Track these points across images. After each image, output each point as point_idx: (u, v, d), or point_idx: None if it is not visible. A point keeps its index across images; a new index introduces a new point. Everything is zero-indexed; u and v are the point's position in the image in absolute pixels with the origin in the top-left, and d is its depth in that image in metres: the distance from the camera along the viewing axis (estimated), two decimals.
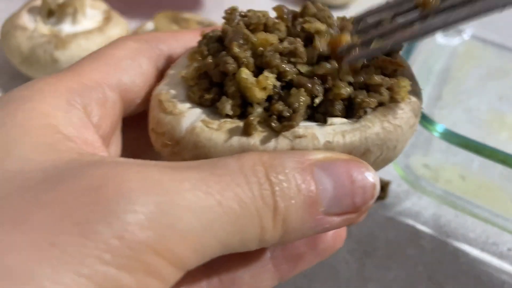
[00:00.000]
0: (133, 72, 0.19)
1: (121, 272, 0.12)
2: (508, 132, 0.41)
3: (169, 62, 0.21)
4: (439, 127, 0.31)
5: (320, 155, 0.15)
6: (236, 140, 0.16)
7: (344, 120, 0.17)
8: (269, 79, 0.16)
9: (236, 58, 0.17)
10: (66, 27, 0.41)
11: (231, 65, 0.17)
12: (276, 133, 0.16)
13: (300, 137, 0.16)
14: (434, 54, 0.47)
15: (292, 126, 0.16)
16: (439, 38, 0.48)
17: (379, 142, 0.17)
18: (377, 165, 0.18)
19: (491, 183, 0.35)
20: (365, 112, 0.17)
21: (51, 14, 0.41)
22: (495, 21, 0.50)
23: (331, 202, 0.15)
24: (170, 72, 0.20)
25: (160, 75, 0.21)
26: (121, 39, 0.20)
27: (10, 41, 0.40)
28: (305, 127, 0.16)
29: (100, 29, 0.41)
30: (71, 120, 0.16)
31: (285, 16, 0.19)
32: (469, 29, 0.50)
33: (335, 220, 0.15)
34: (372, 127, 0.17)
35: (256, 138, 0.16)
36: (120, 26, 0.42)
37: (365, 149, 0.17)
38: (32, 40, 0.39)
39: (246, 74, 0.17)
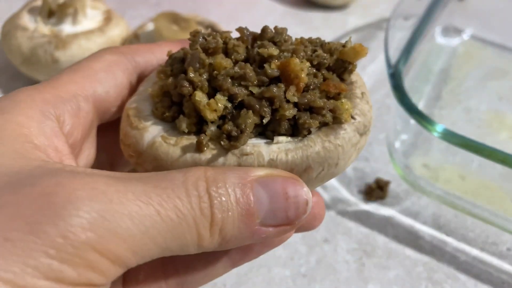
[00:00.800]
0: (108, 83, 0.21)
1: (63, 265, 0.14)
2: (508, 132, 0.41)
3: (144, 74, 0.23)
4: (439, 127, 0.31)
5: (262, 172, 0.17)
6: (190, 156, 0.18)
7: (289, 139, 0.19)
8: (220, 101, 0.18)
9: (191, 82, 0.19)
10: (67, 28, 0.41)
11: (187, 88, 0.19)
12: (225, 150, 0.18)
13: (247, 154, 0.18)
14: (434, 54, 0.47)
15: (237, 146, 0.18)
16: (439, 38, 0.48)
17: (319, 160, 0.18)
18: (321, 180, 0.19)
19: (490, 183, 0.35)
20: (309, 132, 0.19)
21: (51, 14, 0.41)
22: (494, 21, 0.50)
23: (267, 214, 0.16)
24: (141, 88, 0.22)
25: (135, 86, 0.23)
26: (100, 52, 0.22)
27: (10, 41, 0.40)
28: (252, 145, 0.18)
29: (101, 29, 0.41)
30: (43, 130, 0.18)
31: (245, 38, 0.20)
32: (468, 30, 0.50)
33: (270, 231, 0.17)
34: (314, 146, 0.18)
35: (207, 155, 0.18)
36: (120, 27, 0.42)
37: (307, 166, 0.18)
38: (33, 40, 0.39)
39: (199, 96, 0.18)
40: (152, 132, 0.19)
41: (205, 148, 0.18)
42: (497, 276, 0.32)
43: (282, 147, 0.18)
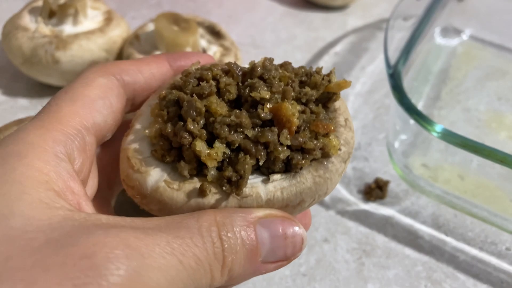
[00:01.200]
0: (105, 112, 0.22)
1: None
2: (507, 132, 0.42)
3: (134, 94, 0.24)
4: (438, 127, 0.31)
5: (261, 213, 0.19)
6: (194, 201, 0.19)
7: (283, 176, 0.20)
8: (219, 150, 0.20)
9: (190, 133, 0.20)
10: (67, 28, 0.41)
11: (187, 139, 0.20)
12: (226, 194, 0.19)
13: (246, 196, 0.20)
14: (433, 55, 0.48)
15: (239, 193, 0.19)
16: (438, 38, 0.49)
17: (311, 193, 0.20)
18: (311, 206, 0.21)
19: (489, 182, 0.35)
20: (301, 168, 0.20)
21: (52, 14, 0.41)
22: (493, 21, 0.51)
23: (268, 253, 0.18)
24: (136, 126, 0.23)
25: (127, 107, 0.24)
26: (91, 74, 0.23)
27: (11, 42, 0.40)
28: (251, 186, 0.20)
29: (101, 29, 0.41)
30: (60, 174, 0.18)
31: (235, 75, 0.22)
32: (467, 30, 0.50)
33: (270, 266, 0.19)
34: (306, 182, 0.20)
35: (210, 199, 0.19)
36: (120, 27, 0.43)
37: (300, 201, 0.20)
38: (33, 41, 0.39)
39: (199, 147, 0.19)
40: (155, 176, 0.20)
41: (208, 193, 0.19)
42: (496, 275, 0.32)
43: (278, 185, 0.20)
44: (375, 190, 0.36)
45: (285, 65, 0.23)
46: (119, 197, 0.29)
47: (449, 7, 0.45)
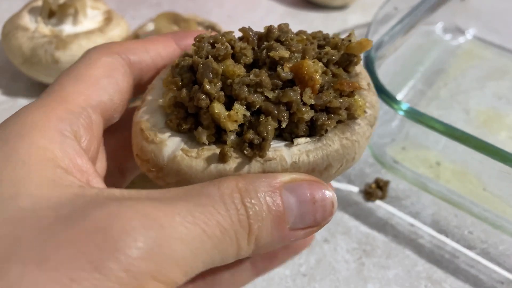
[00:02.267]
0: (111, 90, 0.21)
1: None
2: (507, 131, 0.42)
3: (140, 73, 0.22)
4: (403, 106, 0.32)
5: (287, 177, 0.17)
6: (214, 167, 0.18)
7: (308, 139, 0.19)
8: (239, 112, 0.18)
9: (208, 94, 0.18)
10: (67, 28, 0.41)
11: (204, 101, 0.18)
12: (248, 158, 0.18)
13: (270, 160, 0.18)
14: (434, 55, 0.48)
15: (263, 155, 0.18)
16: (439, 38, 0.49)
17: (338, 157, 0.19)
18: (338, 174, 0.20)
19: (463, 169, 0.36)
20: (326, 131, 0.19)
21: (52, 14, 0.41)
22: (494, 21, 0.51)
23: (296, 219, 0.17)
24: (148, 98, 0.21)
25: (134, 88, 0.23)
26: (95, 54, 0.21)
27: (11, 42, 0.40)
28: (274, 150, 0.18)
29: (101, 29, 0.41)
30: (66, 151, 0.17)
31: (251, 39, 0.20)
32: (468, 30, 0.50)
33: (299, 233, 0.17)
34: (333, 145, 0.19)
35: (231, 164, 0.18)
36: (120, 27, 0.43)
37: (327, 165, 0.19)
38: (33, 41, 0.39)
39: (218, 108, 0.18)
40: (171, 145, 0.19)
41: (229, 158, 0.18)
42: (496, 276, 0.32)
43: (303, 148, 0.18)
44: (376, 190, 0.36)
45: (301, 31, 0.21)
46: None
47: (451, 6, 0.45)
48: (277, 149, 0.18)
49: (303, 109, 0.18)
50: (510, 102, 0.44)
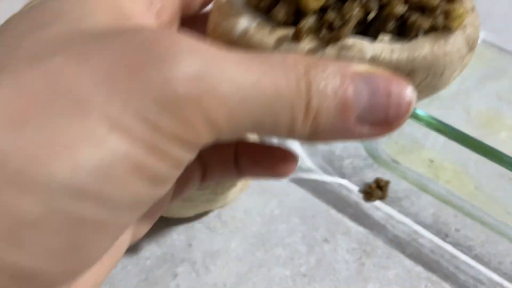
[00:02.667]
0: None
1: (163, 113, 0.12)
2: (507, 131, 0.42)
3: None
4: None
5: (363, 67, 0.15)
6: (286, 45, 0.16)
7: (395, 38, 0.17)
8: None
9: None
10: None
11: None
12: (324, 42, 0.16)
13: (347, 48, 0.16)
14: None
15: (339, 37, 0.16)
16: None
17: (425, 65, 0.17)
18: (422, 90, 0.18)
19: (455, 167, 0.36)
20: (416, 35, 0.17)
21: None
22: (494, 22, 0.51)
23: (365, 109, 0.15)
24: None
25: None
26: None
27: None
28: (354, 40, 0.17)
29: None
30: (135, 3, 0.16)
31: None
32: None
33: (365, 129, 0.15)
34: (421, 49, 0.17)
35: (304, 45, 0.16)
36: None
37: (411, 70, 0.17)
38: None
39: None
40: (245, 22, 0.18)
41: (303, 38, 0.16)
42: (496, 276, 0.32)
43: (387, 45, 0.17)
44: (376, 190, 0.36)
45: None
46: None
47: None
48: (357, 41, 0.17)
49: (396, 1, 0.17)
50: (510, 103, 0.44)
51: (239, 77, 0.13)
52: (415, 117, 0.32)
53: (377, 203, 0.36)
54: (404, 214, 0.36)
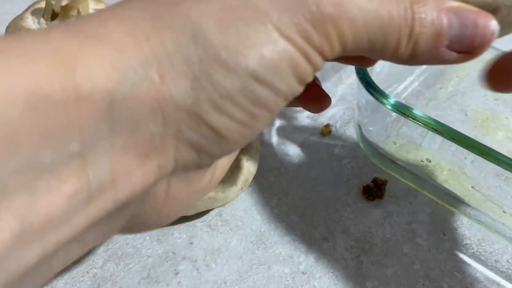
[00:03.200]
0: None
1: (313, 29, 0.16)
2: (504, 132, 0.42)
3: None
4: (391, 100, 0.32)
5: (455, 3, 0.18)
6: None
7: None
8: None
9: None
10: None
11: None
12: None
13: None
14: None
15: None
16: None
17: (508, 3, 0.19)
18: (503, 27, 0.20)
19: (449, 165, 0.36)
20: None
21: (54, 16, 0.42)
22: None
23: (455, 38, 0.18)
24: None
25: None
26: None
27: None
28: None
29: None
30: None
31: None
32: None
33: (453, 54, 0.18)
34: None
35: None
36: None
37: (495, 7, 0.19)
38: None
39: None
40: None
41: None
42: (493, 274, 0.33)
43: None
44: (374, 190, 0.37)
45: None
46: None
47: None
48: None
49: None
50: (506, 103, 0.45)
51: (365, 4, 0.16)
52: (413, 117, 0.32)
53: (375, 202, 0.37)
54: (402, 213, 0.36)
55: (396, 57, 0.18)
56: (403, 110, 0.32)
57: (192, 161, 0.16)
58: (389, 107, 0.32)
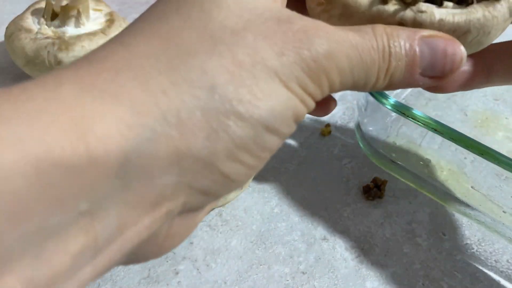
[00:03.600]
0: None
1: (308, 80, 0.17)
2: (504, 132, 0.42)
3: None
4: (391, 100, 0.33)
5: (426, 33, 0.20)
6: (375, 7, 0.21)
7: (456, 5, 0.21)
8: None
9: None
10: (70, 29, 0.41)
11: None
12: (405, 5, 0.21)
13: (422, 11, 0.21)
14: None
15: (416, 2, 0.21)
16: None
17: (478, 26, 0.21)
18: (471, 46, 0.22)
19: (447, 165, 0.36)
20: (472, 2, 0.22)
21: (55, 16, 0.42)
22: None
23: (427, 66, 0.20)
24: None
25: None
26: None
27: (14, 43, 0.40)
28: (426, 5, 0.21)
29: (103, 31, 0.41)
30: None
31: None
32: None
33: (426, 80, 0.20)
34: (476, 13, 0.21)
35: (390, 7, 0.21)
36: (122, 28, 0.43)
37: (467, 30, 0.21)
38: (36, 42, 0.40)
39: None
40: None
41: (389, 2, 0.21)
42: (493, 274, 0.33)
43: (450, 10, 0.21)
44: (374, 189, 0.37)
45: None
46: None
47: None
48: (429, 6, 0.21)
49: None
50: (506, 103, 0.45)
51: (350, 53, 0.18)
52: (413, 117, 0.32)
53: (375, 201, 0.37)
54: (402, 213, 0.36)
55: (374, 88, 0.20)
56: (403, 110, 0.32)
57: (199, 204, 0.17)
58: (389, 107, 0.33)
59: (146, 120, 0.14)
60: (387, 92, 0.33)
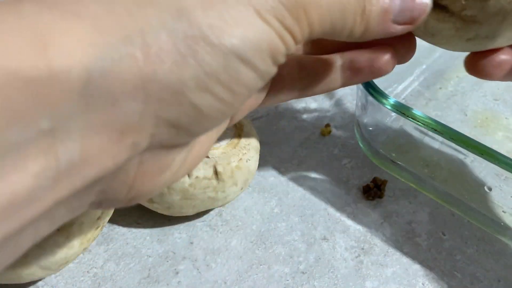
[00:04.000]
0: None
1: (286, 13, 0.17)
2: (503, 132, 0.42)
3: None
4: (391, 100, 0.33)
5: None
6: None
7: None
8: None
9: None
10: None
11: None
12: None
13: None
14: (430, 54, 0.48)
15: None
16: None
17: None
18: (478, 42, 0.22)
19: (446, 164, 0.36)
20: None
21: None
22: None
23: (398, 13, 0.20)
24: None
25: None
26: None
27: None
28: None
29: None
30: None
31: None
32: None
33: (397, 27, 0.21)
34: None
35: None
36: None
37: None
38: None
39: None
40: None
41: None
42: (493, 273, 0.33)
43: None
44: (373, 189, 0.37)
45: None
46: None
47: None
48: None
49: None
50: (506, 103, 0.45)
51: None
52: (413, 117, 0.32)
53: (375, 202, 0.37)
54: (401, 212, 0.36)
55: (352, 36, 0.20)
56: (403, 110, 0.32)
57: (169, 138, 0.16)
58: (389, 107, 0.33)
59: (110, 39, 0.14)
60: (386, 92, 0.33)
